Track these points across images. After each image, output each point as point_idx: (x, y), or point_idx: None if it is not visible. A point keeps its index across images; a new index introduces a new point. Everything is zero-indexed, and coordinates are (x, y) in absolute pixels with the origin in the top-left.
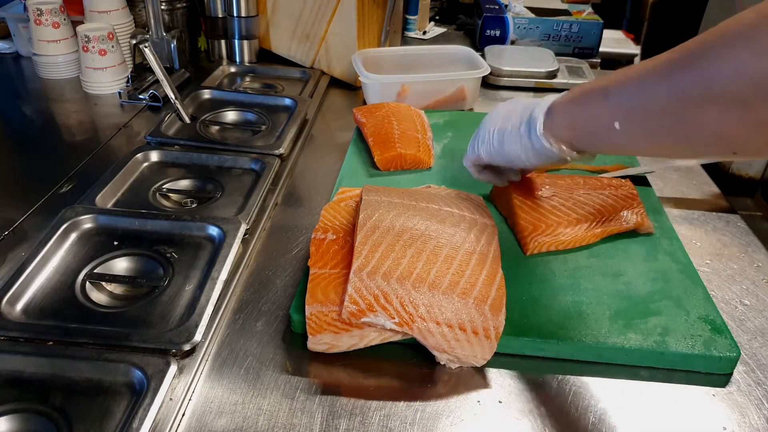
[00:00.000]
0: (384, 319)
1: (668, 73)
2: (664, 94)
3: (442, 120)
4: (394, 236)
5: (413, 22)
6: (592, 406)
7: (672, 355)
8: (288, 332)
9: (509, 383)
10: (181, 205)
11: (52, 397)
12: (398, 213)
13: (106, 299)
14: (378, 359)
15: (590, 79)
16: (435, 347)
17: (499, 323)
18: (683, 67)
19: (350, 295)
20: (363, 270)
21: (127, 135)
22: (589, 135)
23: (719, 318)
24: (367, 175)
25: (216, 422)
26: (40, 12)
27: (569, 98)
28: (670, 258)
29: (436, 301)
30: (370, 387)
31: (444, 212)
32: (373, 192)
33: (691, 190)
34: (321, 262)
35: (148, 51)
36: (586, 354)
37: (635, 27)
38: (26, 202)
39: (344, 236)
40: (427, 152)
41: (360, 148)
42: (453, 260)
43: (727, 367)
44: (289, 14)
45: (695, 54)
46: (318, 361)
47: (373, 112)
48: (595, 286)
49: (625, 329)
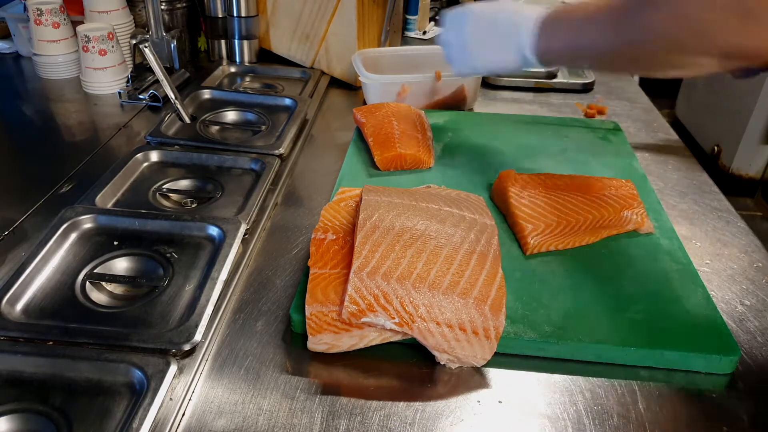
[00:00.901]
0: (384, 319)
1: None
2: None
3: (442, 120)
4: (394, 236)
5: (413, 22)
6: (592, 407)
7: (672, 355)
8: (288, 332)
9: (509, 383)
10: (181, 205)
11: (52, 397)
12: (398, 213)
13: (106, 299)
14: (378, 359)
15: (591, 79)
16: (435, 347)
17: (499, 323)
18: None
19: (350, 295)
20: (363, 270)
21: (127, 135)
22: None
23: (719, 318)
24: (367, 175)
25: (216, 422)
26: (40, 12)
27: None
28: (669, 258)
29: (436, 301)
30: (370, 387)
31: (444, 212)
32: (373, 192)
33: (691, 190)
34: (321, 262)
35: (148, 51)
36: (586, 354)
37: None
38: (26, 202)
39: (344, 236)
40: (427, 152)
41: (360, 148)
42: (453, 260)
43: (727, 368)
44: (289, 14)
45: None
46: (318, 361)
47: (373, 112)
48: (595, 286)
49: (625, 329)
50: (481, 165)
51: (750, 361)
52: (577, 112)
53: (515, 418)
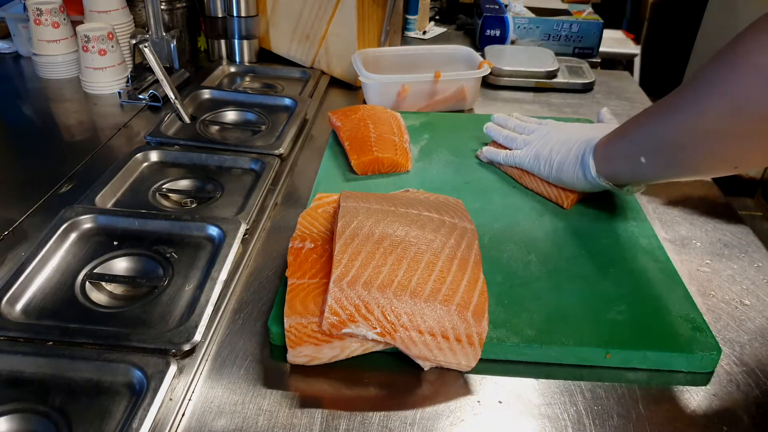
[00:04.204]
0: (366, 330)
1: (669, 115)
2: (671, 132)
3: (417, 122)
4: (373, 244)
5: (413, 22)
6: (592, 407)
7: (654, 356)
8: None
9: (509, 383)
10: (181, 205)
11: (52, 397)
12: (377, 219)
13: (106, 299)
14: (377, 359)
15: (591, 79)
16: (418, 356)
17: (482, 329)
18: (679, 107)
19: (330, 306)
20: (343, 279)
21: (127, 135)
22: (625, 170)
23: (699, 316)
24: (344, 180)
25: (216, 422)
26: (39, 12)
27: (608, 138)
28: (649, 257)
29: (419, 310)
30: (370, 387)
31: (424, 217)
32: (351, 198)
33: (691, 190)
34: (299, 272)
35: (148, 51)
36: (570, 357)
37: (635, 27)
38: (26, 202)
39: (323, 244)
40: (405, 155)
41: (336, 152)
42: (434, 266)
43: (709, 365)
44: (289, 14)
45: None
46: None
47: (349, 116)
48: (576, 288)
49: (607, 331)
50: (459, 167)
51: (751, 361)
52: (578, 112)
53: (515, 418)
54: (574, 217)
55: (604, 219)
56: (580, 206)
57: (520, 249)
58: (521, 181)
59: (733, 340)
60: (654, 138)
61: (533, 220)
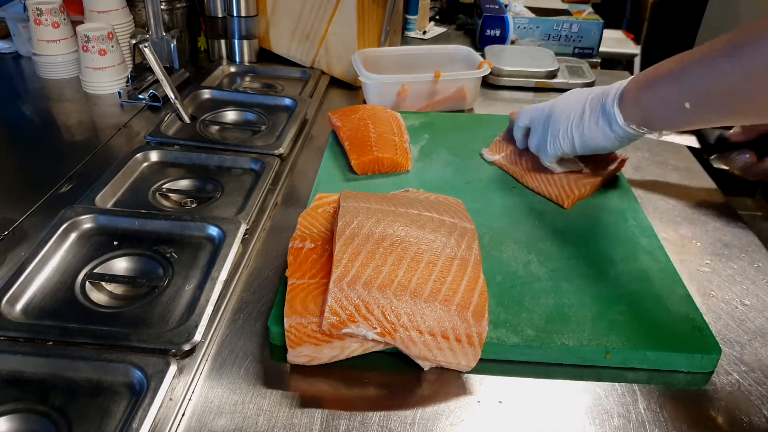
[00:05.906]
0: (366, 330)
1: (731, 53)
2: (729, 73)
3: (417, 122)
4: (373, 243)
5: (413, 22)
6: (592, 407)
7: (654, 356)
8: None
9: (509, 383)
10: (181, 205)
11: (52, 397)
12: (377, 219)
13: (106, 299)
14: (377, 358)
15: (591, 79)
16: (418, 356)
17: (482, 329)
18: (747, 45)
19: (330, 306)
20: (343, 279)
21: (127, 135)
22: (662, 116)
23: (699, 316)
24: (344, 180)
25: (216, 422)
26: (39, 12)
27: (638, 85)
28: (649, 257)
29: (419, 310)
30: (370, 387)
31: (424, 217)
32: (351, 198)
33: (691, 190)
34: (299, 272)
35: (148, 51)
36: (570, 358)
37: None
38: (26, 202)
39: (323, 244)
40: (405, 155)
41: (336, 152)
42: (434, 266)
43: (709, 365)
44: (289, 14)
45: (756, 33)
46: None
47: (349, 115)
48: (576, 288)
49: (607, 331)
50: (459, 167)
51: (751, 361)
52: None
53: (515, 418)
54: (574, 217)
55: (605, 219)
56: (580, 206)
57: (520, 249)
58: (522, 180)
59: (733, 340)
60: (706, 83)
61: (533, 220)
